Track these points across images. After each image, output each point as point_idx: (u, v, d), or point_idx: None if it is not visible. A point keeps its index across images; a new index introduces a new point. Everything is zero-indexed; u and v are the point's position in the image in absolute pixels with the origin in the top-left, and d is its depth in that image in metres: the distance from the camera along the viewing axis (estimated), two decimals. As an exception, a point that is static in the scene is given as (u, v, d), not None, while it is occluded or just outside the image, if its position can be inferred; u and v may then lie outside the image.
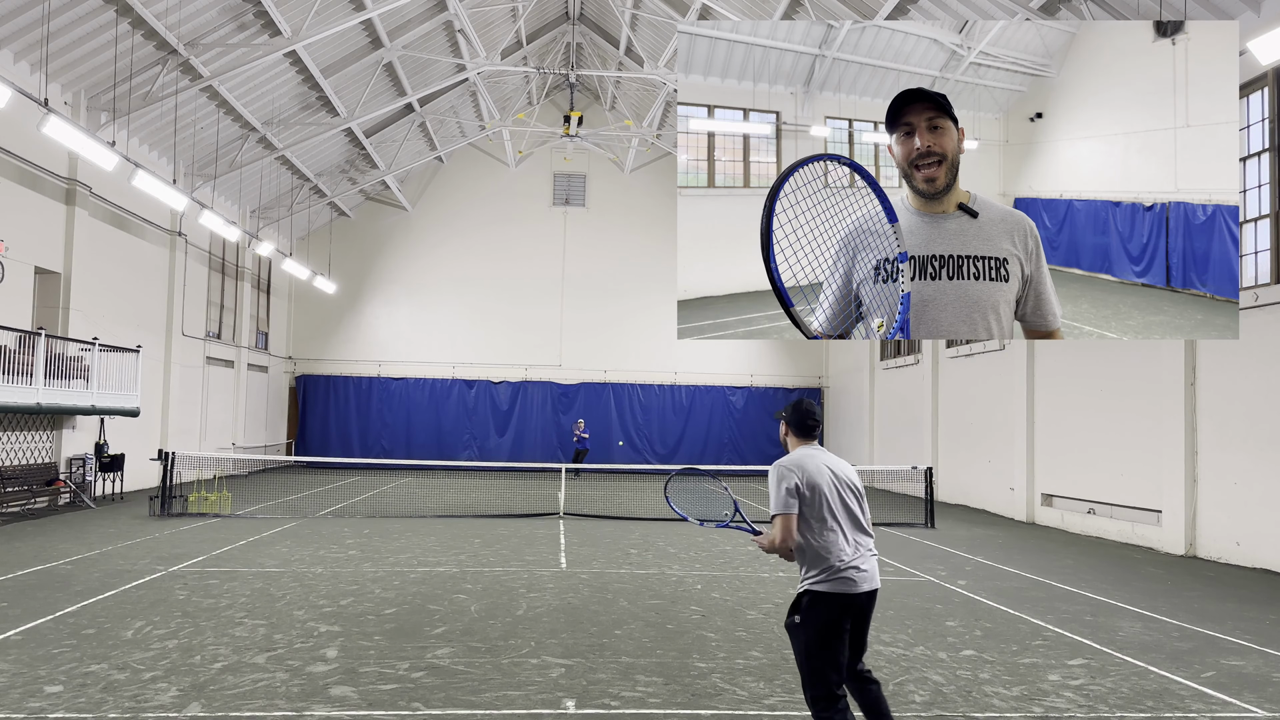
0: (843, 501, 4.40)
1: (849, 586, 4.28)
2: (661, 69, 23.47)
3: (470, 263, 31.57)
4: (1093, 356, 16.24)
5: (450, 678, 6.33)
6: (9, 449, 16.11)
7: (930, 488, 17.08)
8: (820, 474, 4.39)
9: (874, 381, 27.70)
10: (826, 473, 4.42)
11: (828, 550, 4.31)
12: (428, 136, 29.20)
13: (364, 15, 19.15)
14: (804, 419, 4.57)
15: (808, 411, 4.59)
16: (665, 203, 31.95)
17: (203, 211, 18.54)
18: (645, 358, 31.50)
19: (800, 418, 4.57)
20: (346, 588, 9.58)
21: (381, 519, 15.96)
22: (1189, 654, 7.48)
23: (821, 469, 4.42)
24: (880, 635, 7.87)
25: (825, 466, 4.45)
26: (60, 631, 7.44)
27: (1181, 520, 13.56)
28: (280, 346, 30.83)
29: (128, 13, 16.18)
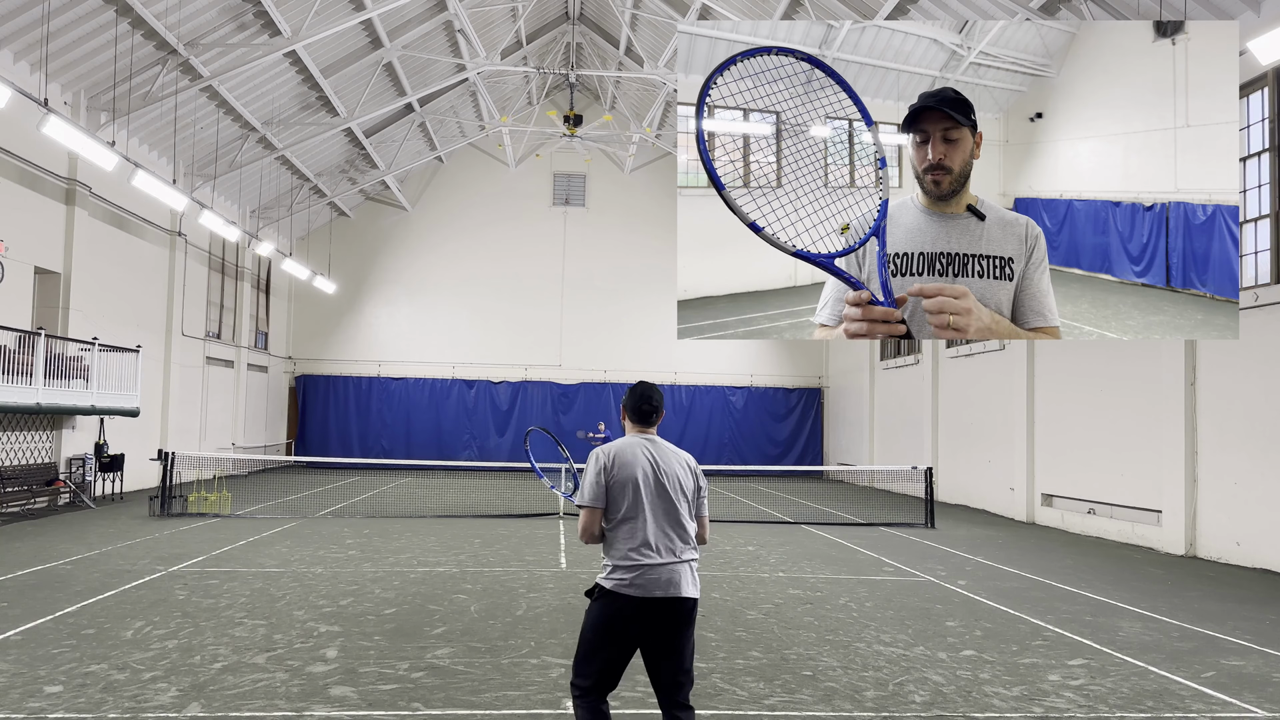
0: (658, 497, 4.04)
1: (639, 590, 3.92)
2: (661, 69, 23.47)
3: (470, 263, 31.58)
4: (1093, 356, 16.24)
5: (450, 678, 6.33)
6: (9, 449, 16.11)
7: (930, 488, 17.08)
8: (636, 465, 4.05)
9: (874, 381, 27.70)
10: (645, 464, 4.07)
11: (625, 547, 3.98)
12: (428, 136, 29.20)
13: (364, 15, 19.15)
14: (639, 404, 4.23)
15: (644, 396, 4.25)
16: (665, 203, 31.96)
17: (202, 211, 18.54)
18: (645, 358, 31.50)
19: (636, 403, 4.24)
20: (346, 588, 9.58)
21: (381, 519, 15.96)
22: (1189, 654, 7.48)
23: (640, 459, 4.08)
24: (880, 635, 7.87)
25: (647, 457, 4.10)
26: (60, 631, 7.44)
27: (1181, 520, 13.56)
28: (280, 346, 30.83)
29: (128, 13, 16.18)
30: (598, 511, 4.07)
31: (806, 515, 18.23)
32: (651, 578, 3.94)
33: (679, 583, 3.98)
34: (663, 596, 3.94)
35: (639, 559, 3.96)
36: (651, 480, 4.06)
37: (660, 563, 3.97)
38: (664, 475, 4.09)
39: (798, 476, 30.41)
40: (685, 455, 4.27)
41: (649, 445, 4.17)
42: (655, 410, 4.25)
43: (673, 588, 3.97)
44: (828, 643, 7.58)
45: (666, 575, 3.97)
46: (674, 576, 3.98)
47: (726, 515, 17.87)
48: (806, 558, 12.38)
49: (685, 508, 4.11)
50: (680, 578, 3.99)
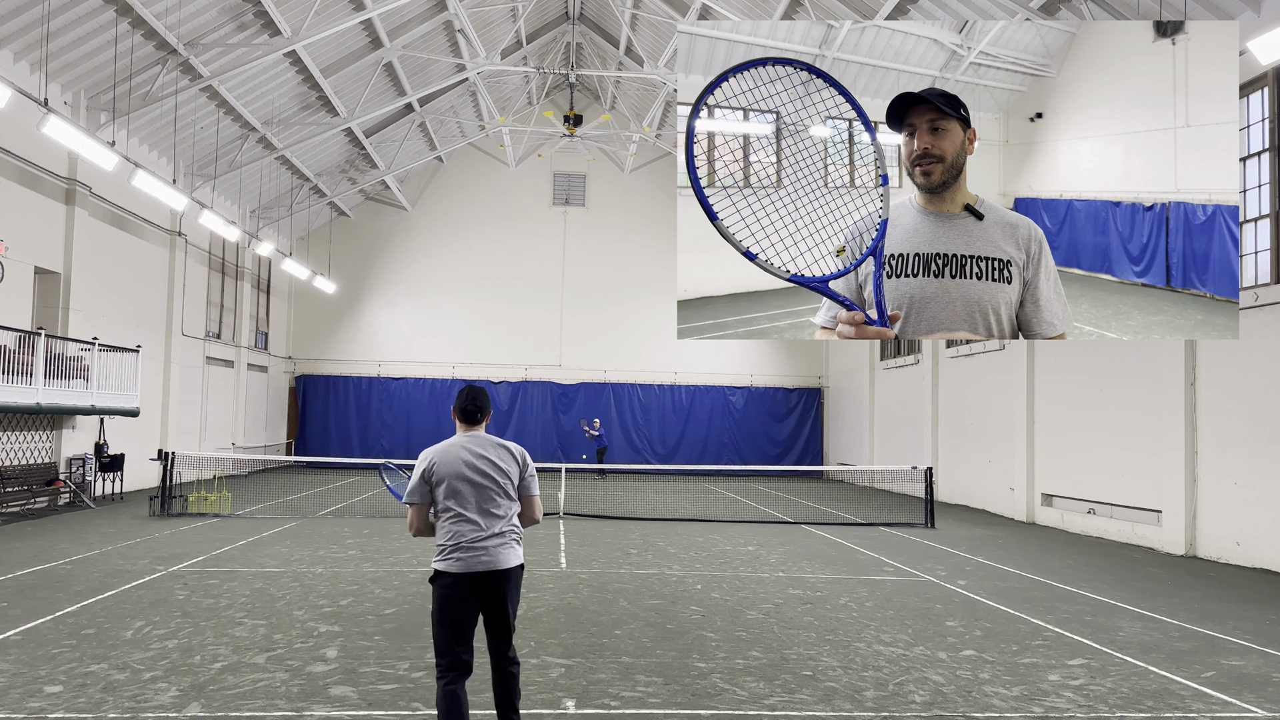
0: (474, 486, 4.53)
1: (462, 565, 4.45)
2: (661, 69, 23.47)
3: (470, 263, 31.58)
4: (1093, 356, 16.24)
5: (450, 678, 6.32)
6: (9, 449, 16.11)
7: (930, 488, 17.08)
8: (455, 461, 4.54)
9: (874, 381, 27.70)
10: (463, 458, 4.55)
11: (449, 533, 4.50)
12: (428, 136, 29.20)
13: (364, 15, 19.15)
14: (465, 404, 4.71)
15: (470, 398, 4.73)
16: (665, 203, 31.95)
17: (202, 211, 18.54)
18: (645, 358, 31.51)
19: (462, 404, 4.72)
20: (346, 588, 9.58)
21: (381, 519, 15.96)
22: (1189, 654, 7.48)
23: (459, 455, 4.56)
24: (880, 635, 7.87)
25: (466, 451, 4.57)
26: (60, 631, 7.44)
27: (1181, 520, 13.56)
28: (280, 346, 30.83)
29: (128, 13, 16.18)
30: (422, 508, 4.62)
31: (806, 515, 18.23)
32: (476, 557, 4.47)
33: (500, 558, 4.52)
34: (488, 570, 4.49)
35: (466, 541, 4.48)
36: (471, 474, 4.54)
37: (484, 543, 4.49)
38: (480, 468, 4.56)
39: (798, 476, 30.40)
40: (511, 445, 4.71)
41: (469, 441, 4.63)
42: (479, 410, 4.74)
43: (497, 564, 4.51)
44: (828, 643, 7.58)
45: (488, 552, 4.49)
46: (497, 554, 4.52)
47: (726, 515, 17.87)
48: (806, 558, 12.38)
49: (502, 490, 4.59)
50: (502, 554, 4.53)
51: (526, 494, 4.71)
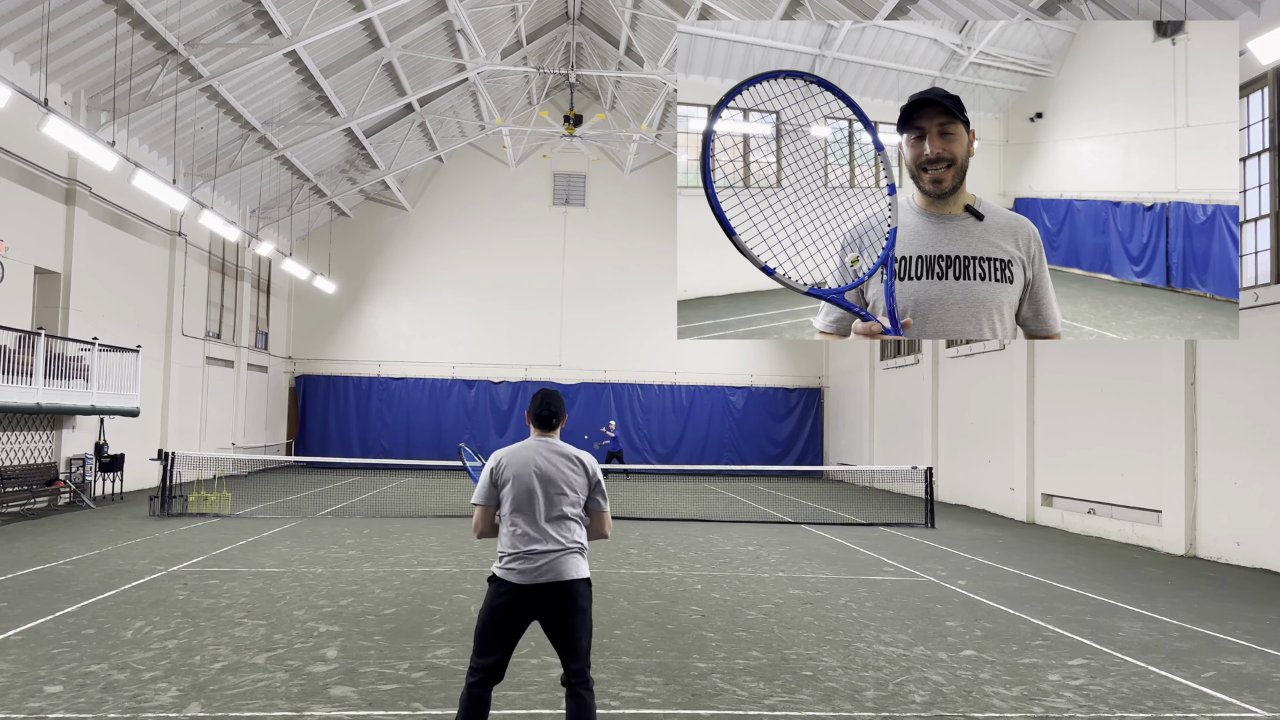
0: (543, 494, 4.40)
1: (522, 577, 4.32)
2: (661, 69, 23.47)
3: (470, 263, 31.58)
4: (1093, 356, 16.24)
5: (450, 678, 6.33)
6: (9, 449, 16.11)
7: (930, 488, 17.08)
8: (525, 466, 4.43)
9: (874, 381, 27.70)
10: (532, 464, 4.44)
11: (511, 539, 4.39)
12: (428, 136, 29.20)
13: (364, 15, 19.16)
14: (540, 410, 4.60)
15: (545, 403, 4.60)
16: (665, 203, 31.95)
17: (202, 211, 18.54)
18: (645, 358, 31.51)
19: (537, 409, 4.61)
20: (346, 588, 9.58)
21: (381, 519, 15.96)
22: (1189, 654, 7.48)
23: (529, 460, 4.45)
24: (880, 635, 7.87)
25: (536, 457, 4.46)
26: (60, 631, 7.44)
27: (1181, 520, 13.56)
28: (280, 346, 30.83)
29: (128, 13, 16.18)
30: (488, 509, 4.49)
31: (806, 515, 18.23)
32: (534, 567, 4.32)
33: (559, 570, 4.35)
34: (544, 582, 4.33)
35: (524, 550, 4.34)
36: (536, 480, 4.41)
37: (543, 553, 4.34)
38: (548, 475, 4.43)
39: (798, 476, 30.41)
40: (584, 456, 4.57)
41: (542, 447, 4.51)
42: (554, 415, 4.59)
43: (556, 575, 4.34)
44: (828, 643, 7.58)
45: (547, 564, 4.34)
46: (556, 566, 4.35)
47: (727, 515, 17.87)
48: (806, 558, 12.38)
49: (568, 500, 4.44)
50: (563, 566, 4.36)
51: (596, 510, 4.57)
